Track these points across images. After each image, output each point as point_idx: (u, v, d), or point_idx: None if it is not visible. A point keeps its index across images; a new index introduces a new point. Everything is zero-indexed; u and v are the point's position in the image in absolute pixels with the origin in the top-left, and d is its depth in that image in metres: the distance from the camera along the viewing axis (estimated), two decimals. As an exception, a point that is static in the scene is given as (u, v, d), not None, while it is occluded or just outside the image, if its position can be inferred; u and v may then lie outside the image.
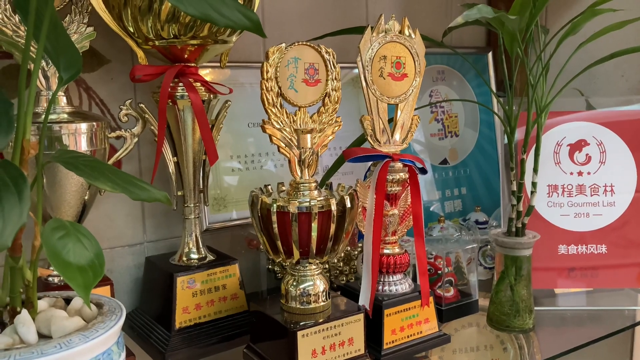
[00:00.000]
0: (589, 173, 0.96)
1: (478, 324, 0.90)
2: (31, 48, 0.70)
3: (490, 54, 1.23)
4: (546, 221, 0.96)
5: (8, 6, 0.70)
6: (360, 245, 0.98)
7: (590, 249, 0.96)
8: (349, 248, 0.96)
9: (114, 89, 0.87)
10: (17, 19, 0.70)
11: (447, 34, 1.14)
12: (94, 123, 0.73)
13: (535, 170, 0.85)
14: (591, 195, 0.96)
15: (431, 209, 1.15)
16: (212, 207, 0.93)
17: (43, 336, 0.54)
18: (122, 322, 0.56)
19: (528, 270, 0.85)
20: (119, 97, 0.87)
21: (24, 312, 0.54)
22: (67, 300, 0.61)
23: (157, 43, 0.75)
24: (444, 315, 0.90)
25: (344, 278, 0.97)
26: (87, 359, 0.52)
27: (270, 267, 0.94)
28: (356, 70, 1.01)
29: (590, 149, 0.96)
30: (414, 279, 0.86)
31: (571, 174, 0.96)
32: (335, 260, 0.95)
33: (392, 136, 0.80)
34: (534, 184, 0.86)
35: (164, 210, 0.93)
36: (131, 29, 0.75)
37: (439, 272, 0.93)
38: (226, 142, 0.95)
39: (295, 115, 0.73)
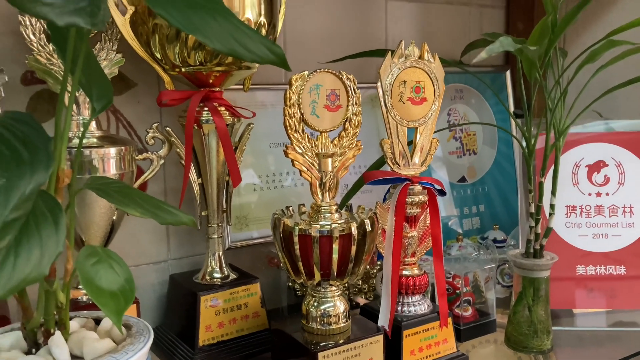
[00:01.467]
0: (607, 194, 0.96)
1: (496, 343, 0.91)
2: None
3: (508, 73, 1.24)
4: (564, 241, 0.96)
5: (42, 35, 0.73)
6: (379, 263, 0.99)
7: (609, 270, 0.96)
8: (368, 267, 0.98)
9: (141, 112, 0.90)
10: (50, 48, 0.73)
11: (466, 53, 1.16)
12: (123, 147, 0.76)
13: (553, 193, 0.86)
14: (610, 216, 0.96)
15: (449, 225, 1.16)
16: (234, 226, 0.95)
17: (75, 357, 0.56)
18: (150, 344, 0.59)
19: (546, 291, 0.86)
20: (145, 119, 0.89)
21: (58, 333, 0.56)
22: (97, 320, 0.64)
23: (183, 69, 0.78)
24: (462, 335, 0.91)
25: (363, 296, 0.98)
26: (117, 380, 0.54)
27: (290, 284, 0.96)
28: (374, 90, 1.03)
29: (608, 170, 0.96)
30: (433, 298, 0.87)
31: (589, 194, 0.96)
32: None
33: (411, 159, 0.81)
34: (552, 206, 0.86)
35: (187, 228, 0.95)
36: (158, 56, 0.77)
37: (458, 291, 0.94)
38: (248, 161, 0.97)
39: (317, 140, 0.75)
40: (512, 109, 1.25)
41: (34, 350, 0.56)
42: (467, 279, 0.95)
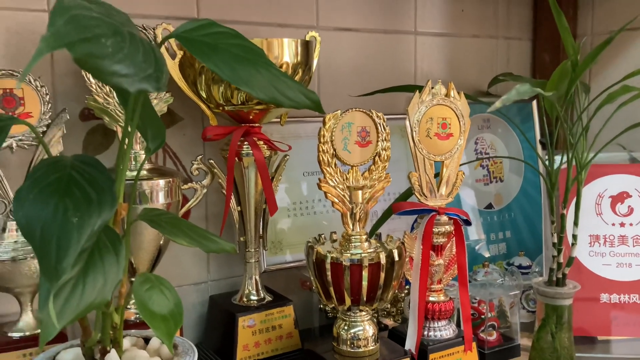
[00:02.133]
0: (631, 224, 0.99)
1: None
2: (120, 112, 0.81)
3: (534, 103, 1.28)
4: (588, 270, 0.99)
5: (100, 78, 0.81)
6: (407, 288, 1.04)
7: (632, 298, 0.98)
8: (396, 291, 1.02)
9: (185, 143, 0.97)
10: (107, 89, 0.81)
11: (493, 85, 1.20)
12: (170, 179, 0.82)
13: (575, 224, 0.89)
14: (634, 246, 0.98)
15: (477, 249, 1.19)
16: (269, 250, 1.01)
17: (128, 373, 0.62)
18: (195, 361, 0.64)
19: (569, 318, 0.89)
20: (190, 151, 0.96)
21: (113, 351, 0.63)
22: (145, 339, 0.70)
23: (226, 108, 0.85)
24: (486, 358, 0.94)
25: (391, 318, 1.02)
26: (165, 396, 0.60)
27: (321, 306, 1.01)
28: (403, 121, 1.08)
29: (632, 200, 0.99)
30: (458, 323, 0.91)
31: (613, 224, 0.99)
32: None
33: (437, 190, 0.86)
34: (574, 236, 0.89)
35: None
36: (204, 95, 0.84)
37: (483, 316, 0.97)
38: (282, 189, 1.03)
39: (348, 174, 0.80)
40: (538, 136, 1.28)
41: (92, 366, 0.63)
42: (492, 305, 0.99)
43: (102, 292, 0.53)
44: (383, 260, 0.77)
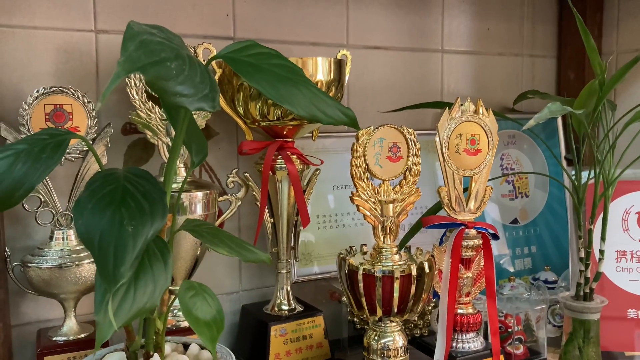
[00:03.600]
0: (658, 240, 1.00)
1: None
2: (162, 127, 0.84)
3: (559, 119, 1.29)
4: (615, 285, 1.00)
5: (144, 94, 0.85)
6: (434, 301, 1.05)
7: (660, 314, 0.99)
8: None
9: (221, 157, 1.00)
10: (150, 105, 0.85)
11: (518, 102, 1.22)
12: (208, 191, 0.86)
13: (602, 239, 0.91)
14: (661, 262, 0.99)
15: (502, 263, 1.21)
16: (299, 262, 1.03)
17: (170, 377, 0.65)
18: (233, 368, 0.67)
19: (596, 333, 0.90)
20: (225, 164, 1.00)
21: (156, 356, 0.65)
22: (185, 345, 0.73)
23: (262, 123, 0.88)
24: (513, 372, 0.96)
25: (418, 331, 1.04)
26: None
27: (350, 317, 1.03)
28: (429, 137, 1.10)
29: (659, 217, 1.00)
30: (486, 336, 0.92)
31: (640, 240, 1.00)
32: (410, 314, 1.03)
33: (466, 205, 0.88)
34: (601, 252, 0.91)
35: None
36: (241, 111, 0.88)
37: (509, 330, 0.99)
38: (312, 202, 1.06)
39: (379, 187, 0.83)
40: (563, 153, 1.30)
41: (135, 370, 0.65)
42: (519, 319, 1.00)
43: (152, 297, 0.56)
44: (414, 272, 0.79)
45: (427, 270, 0.80)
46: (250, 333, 0.96)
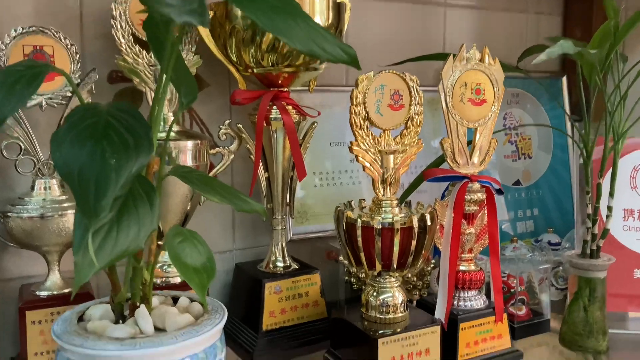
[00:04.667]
0: (667, 199, 0.96)
1: (549, 344, 0.92)
2: (149, 73, 0.80)
3: (564, 79, 1.25)
4: (621, 245, 0.97)
5: (130, 38, 0.80)
6: (433, 262, 1.02)
7: (667, 274, 0.96)
8: (423, 264, 1.01)
9: (213, 110, 0.96)
10: (137, 49, 0.80)
11: (523, 59, 1.18)
12: (199, 141, 0.81)
13: (611, 195, 0.87)
14: (669, 221, 0.96)
15: (503, 229, 1.17)
16: (295, 220, 1.00)
17: (157, 329, 0.61)
18: (225, 320, 0.63)
19: (602, 292, 0.87)
20: (217, 118, 0.95)
21: (143, 306, 0.62)
22: (174, 299, 0.69)
23: (255, 70, 0.83)
24: (515, 333, 0.92)
25: (417, 292, 1.01)
26: (196, 351, 0.59)
27: (347, 278, 1.00)
28: (430, 94, 1.06)
29: (668, 174, 0.96)
30: (488, 295, 0.89)
31: (648, 199, 0.97)
32: (410, 275, 0.99)
33: (470, 158, 0.84)
34: (609, 208, 0.87)
35: (252, 221, 1.01)
36: (234, 58, 0.83)
37: (512, 290, 0.96)
38: (308, 159, 1.01)
39: (380, 137, 0.79)
40: (568, 112, 1.26)
41: (120, 321, 0.62)
42: (522, 279, 0.97)
43: (136, 239, 0.53)
44: (415, 224, 0.75)
45: (429, 223, 0.76)
46: (243, 291, 0.92)
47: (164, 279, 0.83)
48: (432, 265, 1.01)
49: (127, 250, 0.52)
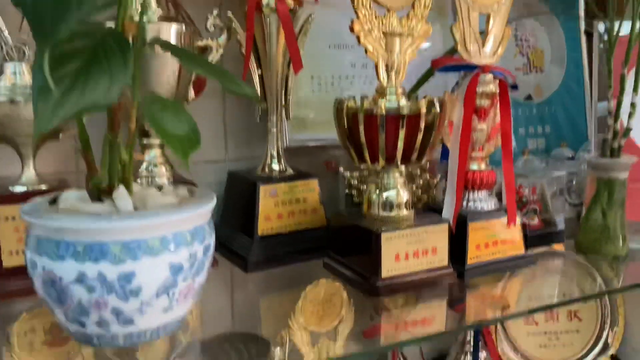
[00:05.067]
0: (692, 99, 0.89)
1: (563, 253, 0.87)
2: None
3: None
4: (642, 151, 0.90)
5: None
6: (439, 175, 0.96)
7: (690, 182, 0.89)
8: (428, 177, 0.94)
9: (201, 3, 0.87)
10: None
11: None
12: (183, 26, 0.74)
13: (635, 90, 0.80)
14: (694, 125, 0.89)
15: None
16: (293, 127, 0.93)
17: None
18: (214, 203, 0.57)
19: (622, 195, 0.81)
20: (204, 12, 0.87)
21: (121, 187, 0.55)
22: (157, 187, 0.63)
23: (246, -53, 0.75)
24: (528, 243, 0.86)
25: (422, 206, 0.95)
26: (181, 229, 0.52)
27: (348, 191, 0.94)
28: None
29: (695, 74, 0.89)
30: (499, 198, 0.83)
31: (672, 100, 0.89)
32: (415, 188, 0.93)
33: (482, 47, 0.77)
34: (632, 105, 0.80)
35: (245, 129, 0.94)
36: None
37: (523, 199, 0.90)
38: (305, 62, 0.94)
39: (384, 17, 0.71)
40: (583, 28, 1.18)
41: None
42: (534, 189, 0.90)
43: (107, 92, 0.47)
44: (423, 109, 0.68)
45: (437, 110, 0.69)
46: (238, 198, 0.86)
47: (149, 179, 0.77)
48: (438, 177, 0.95)
49: (98, 103, 0.46)
